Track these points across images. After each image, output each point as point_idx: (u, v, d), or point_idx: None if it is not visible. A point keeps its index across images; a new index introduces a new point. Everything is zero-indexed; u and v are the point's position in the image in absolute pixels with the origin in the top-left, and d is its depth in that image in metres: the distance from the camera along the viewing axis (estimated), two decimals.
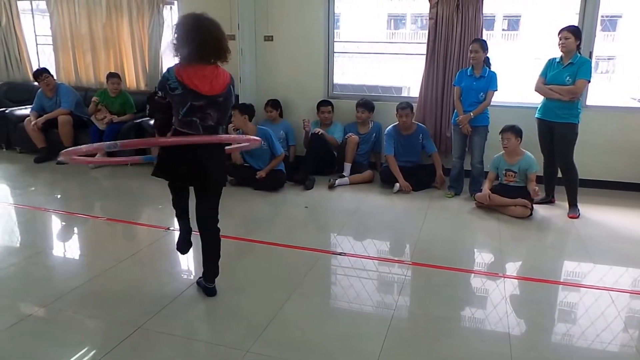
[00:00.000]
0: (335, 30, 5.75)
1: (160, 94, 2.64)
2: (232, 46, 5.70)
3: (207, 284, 2.97)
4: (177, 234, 3.26)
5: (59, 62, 6.87)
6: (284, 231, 4.15)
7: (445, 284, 3.24)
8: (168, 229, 4.04)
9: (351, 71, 6.10)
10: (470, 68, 4.73)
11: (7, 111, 6.38)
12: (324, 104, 5.53)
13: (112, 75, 6.01)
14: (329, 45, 5.72)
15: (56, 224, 4.37)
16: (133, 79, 6.54)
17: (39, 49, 7.29)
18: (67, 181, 5.43)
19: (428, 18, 5.29)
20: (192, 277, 3.35)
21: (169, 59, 6.49)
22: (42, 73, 6.05)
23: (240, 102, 5.15)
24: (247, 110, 4.97)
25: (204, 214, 2.88)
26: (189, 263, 3.66)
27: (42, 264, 3.51)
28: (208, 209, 2.89)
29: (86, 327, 2.73)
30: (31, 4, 7.10)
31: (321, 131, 5.36)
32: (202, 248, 2.95)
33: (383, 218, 4.45)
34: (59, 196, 5.11)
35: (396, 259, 3.65)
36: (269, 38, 5.79)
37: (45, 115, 5.95)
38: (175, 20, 2.74)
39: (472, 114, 4.65)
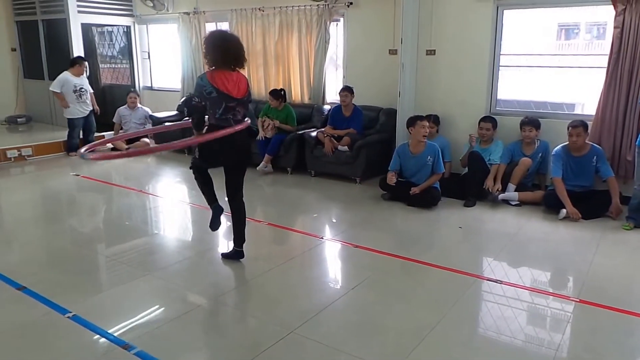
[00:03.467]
0: (501, 42, 5.46)
1: (196, 99, 3.23)
2: (393, 61, 5.91)
3: (237, 248, 3.60)
4: (328, 243, 3.36)
5: None
6: (436, 251, 4.04)
7: (619, 329, 2.85)
8: (322, 238, 4.20)
9: (517, 86, 5.71)
10: None
11: (189, 120, 7.24)
12: (485, 119, 5.27)
13: (271, 93, 6.44)
14: (494, 59, 5.45)
15: (223, 223, 4.80)
16: (298, 93, 6.97)
17: None
18: None
19: (613, 27, 4.75)
20: (338, 286, 3.44)
21: (331, 73, 6.84)
22: None
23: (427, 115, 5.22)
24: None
25: (235, 188, 3.55)
26: (338, 273, 3.76)
27: (210, 260, 3.89)
28: (238, 184, 3.56)
29: (245, 324, 2.96)
30: (216, 25, 7.99)
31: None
32: (233, 218, 3.59)
33: (545, 246, 4.07)
34: (226, 199, 5.63)
35: (558, 293, 3.30)
36: (431, 52, 5.72)
37: None
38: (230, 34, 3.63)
39: None
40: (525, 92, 5.64)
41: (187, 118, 3.09)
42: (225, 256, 3.71)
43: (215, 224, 3.68)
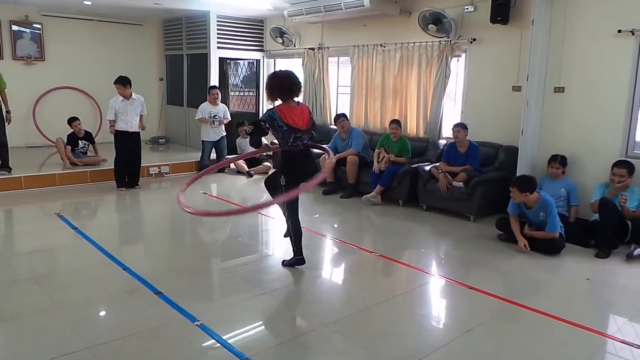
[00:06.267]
0: None
1: (266, 125, 3.75)
2: (517, 97, 5.71)
3: (298, 257, 4.11)
4: (438, 280, 3.25)
5: (353, 108, 7.83)
6: (560, 302, 3.71)
7: None
8: (431, 274, 4.11)
9: None
10: None
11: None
12: (619, 164, 4.80)
13: (393, 122, 6.54)
14: (633, 97, 5.01)
15: (330, 249, 4.90)
16: (413, 126, 6.97)
17: (339, 97, 8.46)
18: (346, 214, 6.06)
19: None
20: (450, 328, 3.31)
21: (449, 108, 6.76)
22: (340, 117, 6.98)
23: (519, 175, 4.92)
24: (527, 187, 4.54)
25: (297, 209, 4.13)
26: (448, 314, 3.63)
27: (320, 286, 3.99)
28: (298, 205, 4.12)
29: (354, 356, 2.94)
30: (338, 59, 8.32)
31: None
32: (299, 233, 4.10)
33: None
34: (336, 225, 5.75)
35: None
36: (559, 89, 5.42)
37: (337, 155, 6.81)
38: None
39: None
40: None
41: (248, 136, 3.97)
42: (287, 264, 4.16)
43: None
